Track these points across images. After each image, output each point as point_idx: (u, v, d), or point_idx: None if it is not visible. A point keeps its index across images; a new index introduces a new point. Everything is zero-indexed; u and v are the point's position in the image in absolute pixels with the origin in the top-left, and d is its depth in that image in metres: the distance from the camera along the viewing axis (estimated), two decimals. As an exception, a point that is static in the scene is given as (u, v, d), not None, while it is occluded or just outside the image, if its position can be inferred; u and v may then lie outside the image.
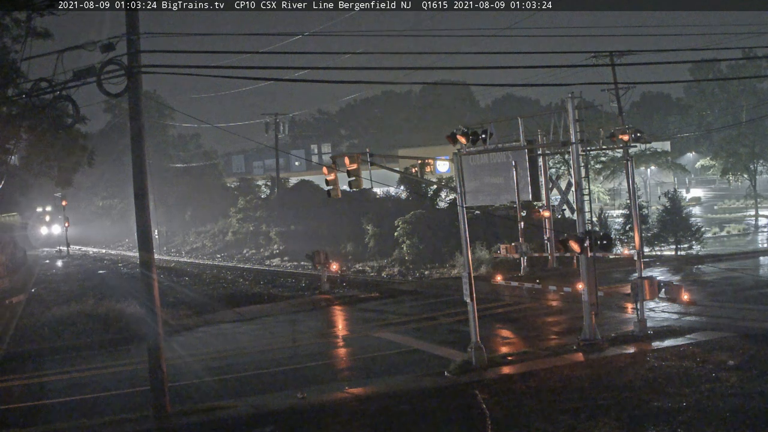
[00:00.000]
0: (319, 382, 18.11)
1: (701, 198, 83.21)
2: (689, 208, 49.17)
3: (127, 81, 14.95)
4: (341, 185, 20.05)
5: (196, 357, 22.32)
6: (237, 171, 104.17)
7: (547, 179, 38.58)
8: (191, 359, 22.00)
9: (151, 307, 15.85)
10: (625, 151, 24.83)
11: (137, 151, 15.84)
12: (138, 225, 16.14)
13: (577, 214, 20.64)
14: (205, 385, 18.73)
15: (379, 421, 14.53)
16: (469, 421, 14.09)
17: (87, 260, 66.59)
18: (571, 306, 25.93)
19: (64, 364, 22.11)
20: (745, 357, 16.87)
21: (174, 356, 21.17)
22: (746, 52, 62.04)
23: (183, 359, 21.80)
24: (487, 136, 23.13)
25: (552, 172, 48.29)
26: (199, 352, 23.09)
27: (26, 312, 30.29)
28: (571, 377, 16.80)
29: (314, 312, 30.00)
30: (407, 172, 43.45)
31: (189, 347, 23.84)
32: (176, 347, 23.34)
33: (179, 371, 19.74)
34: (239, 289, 37.82)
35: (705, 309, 23.66)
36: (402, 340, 22.72)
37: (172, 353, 20.90)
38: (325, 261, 34.01)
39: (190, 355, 22.50)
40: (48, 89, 15.51)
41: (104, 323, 26.43)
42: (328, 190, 20.18)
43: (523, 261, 35.56)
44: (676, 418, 13.17)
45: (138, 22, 15.09)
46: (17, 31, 27.27)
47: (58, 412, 16.85)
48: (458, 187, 19.05)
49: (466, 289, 18.47)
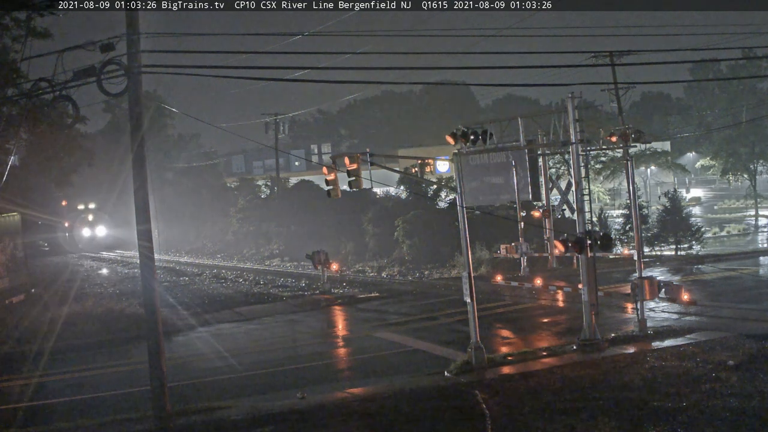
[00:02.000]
0: (319, 382, 18.12)
1: (701, 198, 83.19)
2: (689, 208, 49.11)
3: (127, 81, 14.95)
4: (341, 185, 20.06)
5: (196, 357, 22.33)
6: (237, 171, 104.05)
7: (547, 179, 38.55)
8: (191, 359, 22.01)
9: (151, 307, 15.85)
10: (625, 151, 24.83)
11: (137, 151, 15.84)
12: (138, 224, 16.15)
13: (577, 214, 20.64)
14: (205, 385, 18.74)
15: (379, 421, 14.52)
16: (469, 421, 14.09)
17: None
18: (571, 306, 25.94)
19: (64, 364, 22.11)
20: (745, 357, 16.86)
21: (174, 356, 21.17)
22: (746, 52, 61.96)
23: (183, 359, 21.81)
24: (487, 136, 23.13)
25: (552, 172, 48.23)
26: (199, 351, 23.09)
27: (26, 312, 30.29)
28: (571, 377, 16.80)
29: (314, 312, 30.00)
30: (407, 172, 43.43)
31: (189, 347, 23.85)
32: (176, 347, 23.36)
33: (179, 371, 19.74)
34: (239, 289, 37.83)
35: (705, 309, 23.66)
36: (402, 340, 22.72)
37: (172, 353, 20.90)
38: (325, 261, 34.01)
39: (190, 355, 22.51)
40: (48, 89, 15.50)
41: (104, 323, 26.46)
42: (328, 190, 20.18)
43: (523, 261, 35.55)
44: (676, 418, 13.17)
45: (138, 22, 15.09)
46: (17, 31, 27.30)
47: (58, 412, 16.86)
48: (458, 187, 19.05)
49: (466, 289, 18.47)
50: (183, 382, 18.70)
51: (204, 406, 16.43)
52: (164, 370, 15.71)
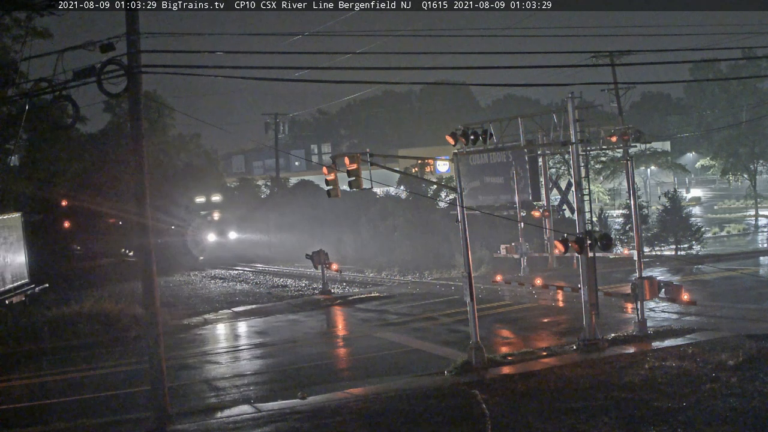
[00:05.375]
0: (319, 382, 18.11)
1: (701, 198, 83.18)
2: (689, 208, 49.02)
3: (127, 81, 14.95)
4: (341, 185, 20.04)
5: (196, 357, 22.32)
6: (237, 171, 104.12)
7: (547, 179, 38.59)
8: (191, 359, 22.01)
9: (150, 306, 15.85)
10: (625, 151, 24.86)
11: (137, 151, 15.85)
12: (138, 224, 16.15)
13: (577, 214, 20.64)
14: (204, 385, 18.74)
15: (379, 421, 14.52)
16: (469, 421, 14.09)
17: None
18: (571, 306, 25.95)
19: (64, 364, 22.12)
20: (745, 357, 16.85)
21: (174, 356, 21.17)
22: (746, 52, 61.95)
23: (183, 359, 21.81)
24: (487, 136, 23.15)
25: (552, 172, 48.26)
26: (199, 351, 23.10)
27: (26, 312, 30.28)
28: (571, 377, 16.79)
29: (314, 312, 29.99)
30: (407, 172, 43.47)
31: (189, 347, 23.85)
32: (176, 347, 23.34)
33: (179, 371, 19.74)
34: (238, 289, 37.84)
35: (705, 309, 23.65)
36: (402, 340, 22.72)
37: (172, 353, 20.89)
38: (326, 261, 34.01)
39: (190, 355, 22.51)
40: (48, 89, 15.50)
41: (104, 323, 26.44)
42: (328, 190, 20.17)
43: (523, 261, 35.55)
44: (676, 418, 13.17)
45: (138, 22, 15.10)
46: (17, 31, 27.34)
47: (58, 412, 16.84)
48: (458, 187, 19.05)
49: (466, 289, 18.48)
50: (183, 382, 18.74)
51: (204, 406, 16.46)
52: (164, 370, 15.71)
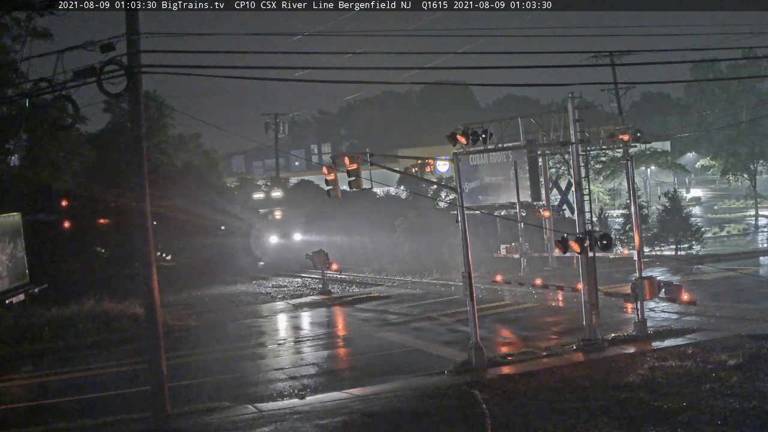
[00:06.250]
0: (319, 382, 18.12)
1: (701, 198, 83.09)
2: (689, 208, 48.98)
3: (127, 81, 14.95)
4: (341, 185, 20.05)
5: (196, 357, 22.32)
6: (237, 171, 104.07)
7: (547, 179, 38.59)
8: (191, 359, 22.00)
9: (150, 307, 15.85)
10: (625, 151, 24.80)
11: (137, 151, 15.85)
12: (138, 223, 16.15)
13: (577, 214, 20.65)
14: (204, 385, 18.73)
15: (380, 421, 14.52)
16: (469, 421, 14.08)
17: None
18: (571, 306, 25.95)
19: (64, 364, 22.12)
20: (745, 357, 16.85)
21: (174, 356, 21.16)
22: (746, 52, 62.00)
23: (183, 359, 21.80)
24: (487, 136, 23.12)
25: (552, 172, 48.23)
26: (199, 351, 23.10)
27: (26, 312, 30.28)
28: (571, 377, 16.79)
29: (314, 312, 30.00)
30: (407, 172, 43.45)
31: (189, 347, 23.84)
32: (176, 347, 23.33)
33: (179, 371, 19.73)
34: (238, 289, 37.84)
35: (705, 309, 23.65)
36: (402, 340, 22.72)
37: (171, 353, 20.88)
38: (325, 261, 34.02)
39: (190, 355, 22.50)
40: (48, 89, 15.49)
41: (104, 323, 26.43)
42: (328, 190, 20.17)
43: (523, 261, 35.54)
44: (676, 418, 13.16)
45: (138, 22, 15.10)
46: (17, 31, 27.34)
47: (58, 412, 16.85)
48: (458, 187, 19.05)
49: (466, 289, 18.48)
50: (183, 382, 18.70)
51: (204, 406, 16.43)
52: (164, 370, 15.71)
